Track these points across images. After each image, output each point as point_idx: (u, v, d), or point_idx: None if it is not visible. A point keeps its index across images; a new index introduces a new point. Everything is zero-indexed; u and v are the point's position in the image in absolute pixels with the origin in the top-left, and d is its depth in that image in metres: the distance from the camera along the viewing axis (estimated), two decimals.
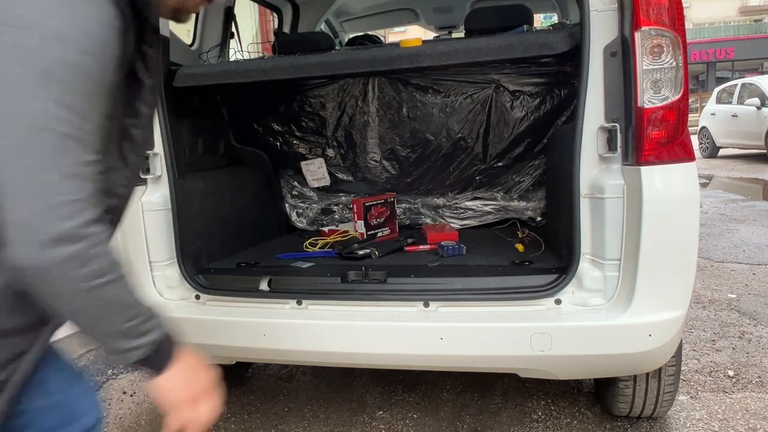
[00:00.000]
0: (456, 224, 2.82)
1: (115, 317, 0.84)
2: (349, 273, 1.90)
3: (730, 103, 11.62)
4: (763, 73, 23.49)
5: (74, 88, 0.75)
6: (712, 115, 12.20)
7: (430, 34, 4.07)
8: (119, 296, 0.83)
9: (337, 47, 2.84)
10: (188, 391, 0.95)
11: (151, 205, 1.93)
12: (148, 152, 1.93)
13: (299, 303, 1.83)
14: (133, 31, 0.85)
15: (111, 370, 2.87)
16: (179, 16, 0.97)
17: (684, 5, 1.65)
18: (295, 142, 3.01)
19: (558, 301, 1.68)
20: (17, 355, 0.91)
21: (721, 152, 12.29)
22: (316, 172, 2.99)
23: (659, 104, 1.54)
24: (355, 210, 2.56)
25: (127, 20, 0.82)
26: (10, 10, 0.72)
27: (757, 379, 2.43)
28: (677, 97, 1.54)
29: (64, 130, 0.75)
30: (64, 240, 0.75)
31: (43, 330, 0.94)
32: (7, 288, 0.84)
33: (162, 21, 2.07)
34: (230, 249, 2.36)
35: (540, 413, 2.24)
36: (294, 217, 3.01)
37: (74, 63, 0.74)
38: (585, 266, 1.68)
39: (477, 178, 2.87)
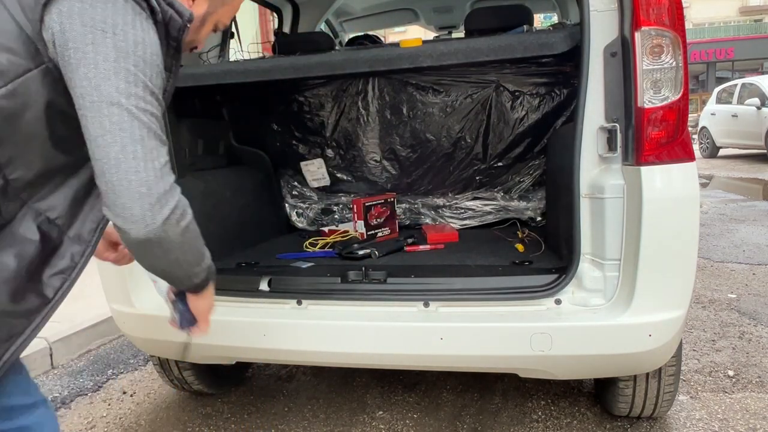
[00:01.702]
0: (456, 224, 2.82)
1: (193, 259, 1.08)
2: (349, 273, 1.90)
3: (730, 103, 11.62)
4: (763, 73, 23.46)
5: (152, 79, 0.95)
6: (712, 115, 12.21)
7: (430, 34, 4.07)
8: (196, 239, 1.05)
9: (337, 47, 2.84)
10: (210, 303, 1.25)
11: None
12: None
13: (299, 303, 1.83)
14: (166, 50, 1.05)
15: (111, 370, 2.87)
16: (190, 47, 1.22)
17: (684, 5, 1.65)
18: (294, 142, 3.01)
19: (558, 301, 1.68)
20: (11, 336, 0.99)
21: (721, 152, 12.30)
22: (315, 172, 2.99)
23: (659, 104, 1.54)
24: (355, 210, 2.56)
25: (162, 43, 1.02)
26: (108, 20, 0.92)
27: (757, 379, 2.43)
28: (677, 97, 1.54)
29: (151, 109, 0.95)
30: (168, 196, 0.93)
31: (38, 316, 1.01)
32: (18, 273, 0.96)
33: None
34: (230, 249, 2.36)
35: (540, 413, 2.24)
36: (294, 217, 3.01)
37: (149, 60, 0.95)
38: (585, 266, 1.67)
39: (477, 178, 2.87)
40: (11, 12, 0.92)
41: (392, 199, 2.66)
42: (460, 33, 3.95)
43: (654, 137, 1.54)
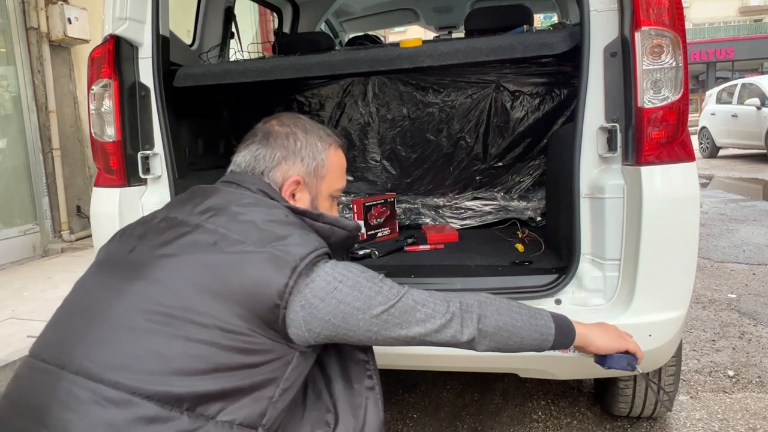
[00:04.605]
0: (456, 224, 2.82)
1: (522, 323, 1.19)
2: None
3: (730, 103, 11.62)
4: (763, 73, 23.48)
5: (368, 276, 1.15)
6: (712, 115, 12.20)
7: (430, 34, 4.07)
8: (503, 314, 1.19)
9: (337, 47, 2.84)
10: (604, 331, 1.31)
11: (152, 205, 1.92)
12: (148, 152, 1.94)
13: None
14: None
15: None
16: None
17: (684, 5, 1.65)
18: None
19: (558, 301, 1.68)
20: None
21: (721, 152, 12.29)
22: None
23: (659, 104, 1.54)
24: (355, 210, 2.55)
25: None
26: (330, 280, 1.09)
27: (757, 379, 2.43)
28: (677, 97, 1.54)
29: (393, 291, 1.15)
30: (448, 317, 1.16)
31: None
32: None
33: (163, 20, 2.06)
34: None
35: (540, 413, 2.24)
36: None
37: (358, 270, 1.15)
38: (585, 266, 1.67)
39: (477, 178, 2.87)
40: None
41: (392, 199, 2.66)
42: (460, 33, 3.95)
43: (654, 137, 1.54)
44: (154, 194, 1.95)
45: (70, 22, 4.64)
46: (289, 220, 1.15)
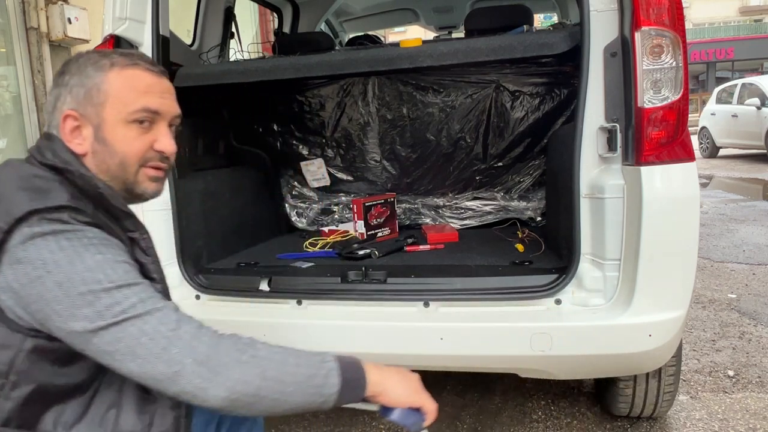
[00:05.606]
0: (456, 224, 2.82)
1: (293, 380, 0.97)
2: (349, 273, 1.89)
3: (730, 103, 11.62)
4: (763, 73, 23.48)
5: (107, 274, 0.92)
6: (712, 115, 12.21)
7: (430, 34, 4.07)
8: (273, 370, 0.97)
9: (337, 47, 2.84)
10: (405, 388, 1.10)
11: (152, 205, 1.92)
12: None
13: (299, 303, 1.83)
14: (116, 226, 1.04)
15: None
16: (133, 199, 1.13)
17: (684, 5, 1.65)
18: (294, 142, 3.01)
19: (558, 301, 1.68)
20: None
21: (721, 152, 12.29)
22: (315, 172, 2.99)
23: (659, 104, 1.54)
24: (355, 210, 2.55)
25: (108, 226, 1.00)
26: (38, 262, 0.89)
27: (757, 379, 2.43)
28: (677, 97, 1.54)
29: (123, 304, 0.92)
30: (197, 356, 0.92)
31: None
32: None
33: (163, 20, 2.05)
34: (230, 249, 2.36)
35: (540, 413, 2.24)
36: (294, 217, 3.01)
37: (96, 266, 0.92)
38: (585, 266, 1.67)
39: (477, 178, 2.87)
40: None
41: (392, 199, 2.66)
42: (460, 33, 3.95)
43: (654, 137, 1.54)
44: None
45: (70, 22, 4.64)
46: (32, 184, 0.97)
